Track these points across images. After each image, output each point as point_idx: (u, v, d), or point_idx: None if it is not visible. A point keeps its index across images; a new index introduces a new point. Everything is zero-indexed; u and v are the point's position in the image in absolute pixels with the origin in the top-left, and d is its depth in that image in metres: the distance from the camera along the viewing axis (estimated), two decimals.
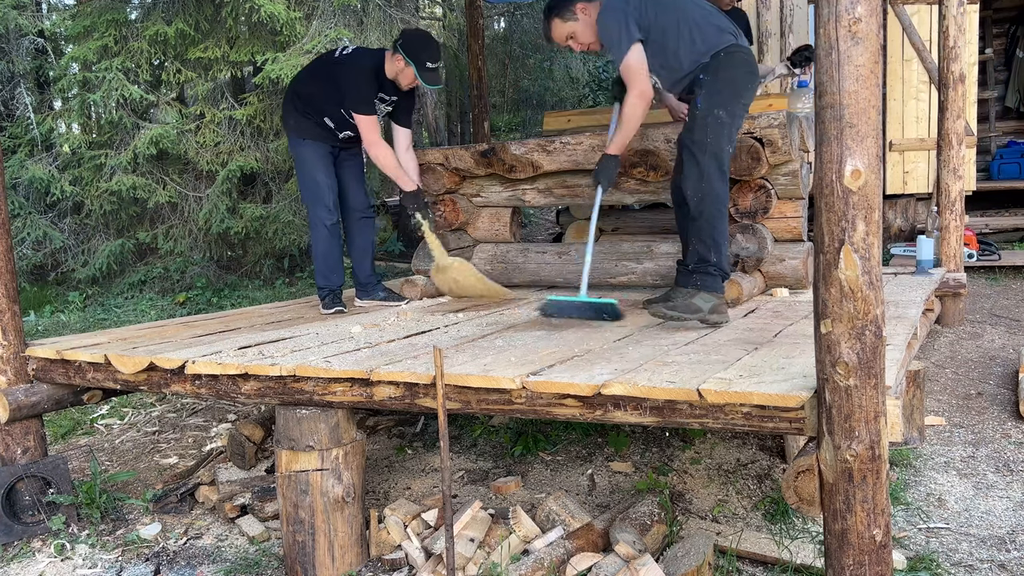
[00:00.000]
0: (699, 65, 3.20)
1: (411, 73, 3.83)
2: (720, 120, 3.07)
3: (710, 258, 3.07)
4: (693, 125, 3.11)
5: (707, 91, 3.12)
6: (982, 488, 3.02)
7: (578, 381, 2.22)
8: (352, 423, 2.71)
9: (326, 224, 3.99)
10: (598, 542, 2.57)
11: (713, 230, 3.08)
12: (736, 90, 3.16)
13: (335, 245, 4.04)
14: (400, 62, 3.83)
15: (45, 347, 3.20)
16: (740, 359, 2.40)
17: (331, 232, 4.01)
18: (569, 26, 3.39)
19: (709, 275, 3.06)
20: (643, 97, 3.19)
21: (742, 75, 3.20)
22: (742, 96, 3.19)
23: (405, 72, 3.85)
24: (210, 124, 7.95)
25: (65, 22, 8.41)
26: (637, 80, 3.17)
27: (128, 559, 2.88)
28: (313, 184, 3.98)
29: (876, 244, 1.78)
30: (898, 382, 2.23)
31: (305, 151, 4.00)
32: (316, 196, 3.99)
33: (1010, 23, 9.94)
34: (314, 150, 3.99)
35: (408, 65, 3.80)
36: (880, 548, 1.84)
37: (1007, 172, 9.03)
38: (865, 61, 1.74)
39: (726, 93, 3.12)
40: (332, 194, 4.01)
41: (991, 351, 4.82)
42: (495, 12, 12.14)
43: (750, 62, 3.27)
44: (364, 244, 4.21)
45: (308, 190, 4.03)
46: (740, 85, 3.18)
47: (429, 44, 3.85)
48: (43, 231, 8.16)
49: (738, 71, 3.19)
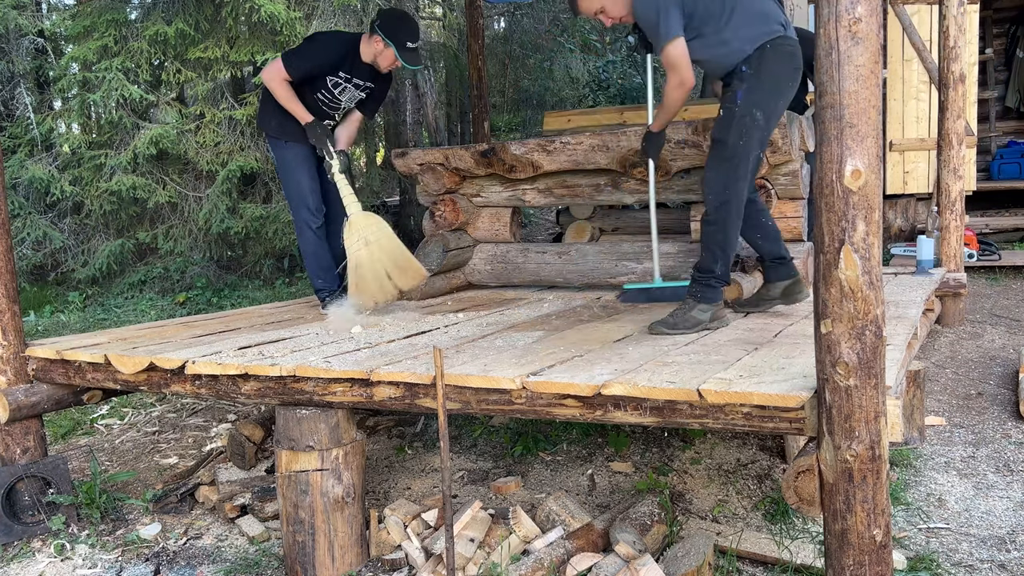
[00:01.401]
0: (744, 56, 2.97)
1: (391, 54, 3.69)
2: (756, 122, 2.94)
3: (714, 269, 3.00)
4: (729, 124, 2.97)
5: (748, 86, 2.95)
6: (982, 488, 3.02)
7: (578, 381, 2.22)
8: (352, 423, 2.71)
9: (311, 227, 3.92)
10: (598, 542, 2.57)
11: (726, 238, 3.01)
12: (778, 89, 3.01)
13: (324, 246, 3.98)
14: (379, 43, 3.70)
15: (45, 347, 3.20)
16: (740, 359, 2.40)
17: (317, 234, 3.95)
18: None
19: (709, 287, 3.01)
20: (683, 86, 3.03)
21: (787, 72, 3.02)
22: (783, 95, 3.04)
23: (384, 54, 3.71)
24: (210, 124, 7.95)
25: (65, 22, 8.40)
26: (678, 69, 2.98)
27: (128, 559, 2.87)
28: (296, 187, 3.91)
29: (876, 244, 1.78)
30: (898, 382, 2.23)
31: (287, 153, 3.91)
32: (299, 199, 3.92)
33: (1010, 23, 9.94)
34: (295, 152, 3.89)
35: (387, 46, 3.67)
36: (880, 548, 1.84)
37: (1007, 172, 9.03)
38: (865, 61, 1.74)
39: (767, 91, 2.96)
40: (315, 196, 3.92)
41: (991, 351, 4.82)
42: (495, 12, 12.13)
43: (796, 56, 3.04)
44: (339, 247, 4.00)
45: (291, 193, 3.95)
46: (783, 83, 3.02)
47: (408, 23, 3.74)
48: (43, 231, 8.15)
49: (783, 67, 3.00)
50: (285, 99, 3.77)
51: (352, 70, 3.82)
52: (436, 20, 12.91)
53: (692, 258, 3.91)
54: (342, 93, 3.89)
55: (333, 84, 3.84)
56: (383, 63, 3.77)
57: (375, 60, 3.78)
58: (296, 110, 3.78)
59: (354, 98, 3.94)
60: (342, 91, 3.88)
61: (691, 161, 3.77)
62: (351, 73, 3.83)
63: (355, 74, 3.84)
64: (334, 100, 3.90)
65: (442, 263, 4.28)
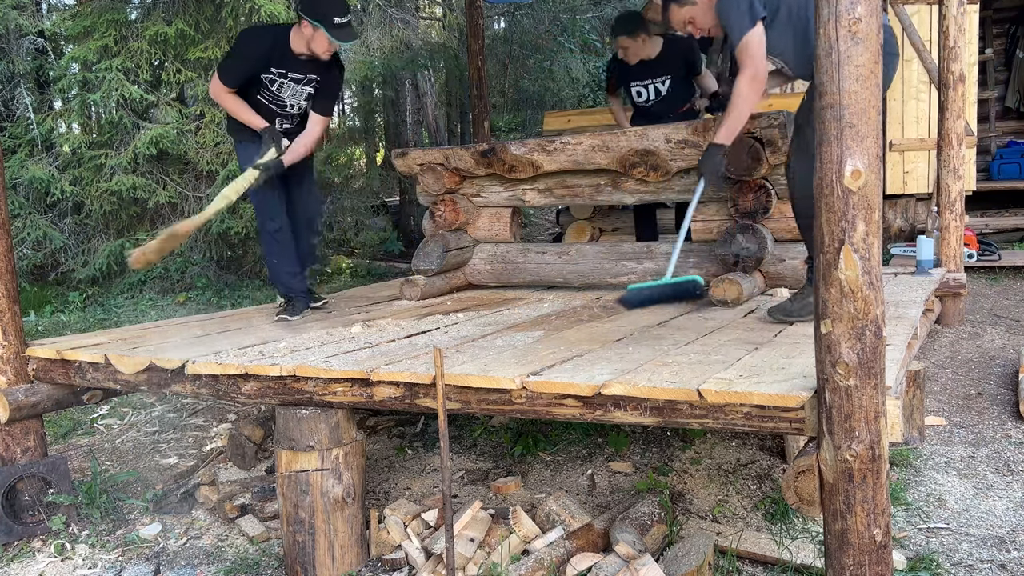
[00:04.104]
0: None
1: (322, 37, 3.49)
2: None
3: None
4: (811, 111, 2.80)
5: None
6: (982, 488, 3.02)
7: (578, 381, 2.22)
8: (352, 423, 2.71)
9: (270, 231, 3.81)
10: (598, 542, 2.57)
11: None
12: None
13: (282, 251, 3.84)
14: (307, 28, 3.51)
15: (45, 347, 3.20)
16: (740, 359, 2.40)
17: (275, 239, 3.82)
18: (686, 11, 3.19)
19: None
20: (756, 80, 2.90)
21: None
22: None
23: (316, 38, 3.52)
24: (210, 124, 7.95)
25: (65, 22, 8.40)
26: (753, 62, 2.86)
27: (128, 559, 2.88)
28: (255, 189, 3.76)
29: (876, 244, 1.78)
30: (898, 382, 2.23)
31: (245, 152, 3.79)
32: (257, 202, 3.83)
33: (1010, 23, 9.94)
34: (252, 151, 3.73)
35: (316, 28, 3.47)
36: (880, 548, 1.84)
37: (1007, 172, 9.03)
38: (865, 61, 1.74)
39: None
40: (274, 198, 3.78)
41: (991, 351, 4.82)
42: (495, 12, 12.13)
43: (892, 43, 2.89)
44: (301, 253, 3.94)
45: (252, 196, 3.77)
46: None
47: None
48: (43, 231, 8.15)
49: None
50: (234, 110, 3.71)
51: (284, 63, 3.64)
52: (436, 20, 12.91)
53: (692, 258, 3.91)
54: (281, 90, 3.73)
55: (269, 81, 3.69)
56: (319, 49, 3.57)
57: (310, 49, 3.58)
58: (247, 118, 3.70)
59: (300, 94, 3.77)
60: (280, 87, 3.72)
61: (691, 161, 3.77)
62: (284, 67, 3.66)
63: (289, 67, 3.67)
64: (276, 99, 3.76)
65: (442, 263, 4.29)
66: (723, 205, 3.79)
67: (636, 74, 5.03)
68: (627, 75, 5.09)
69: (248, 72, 3.66)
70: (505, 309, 3.78)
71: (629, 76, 5.08)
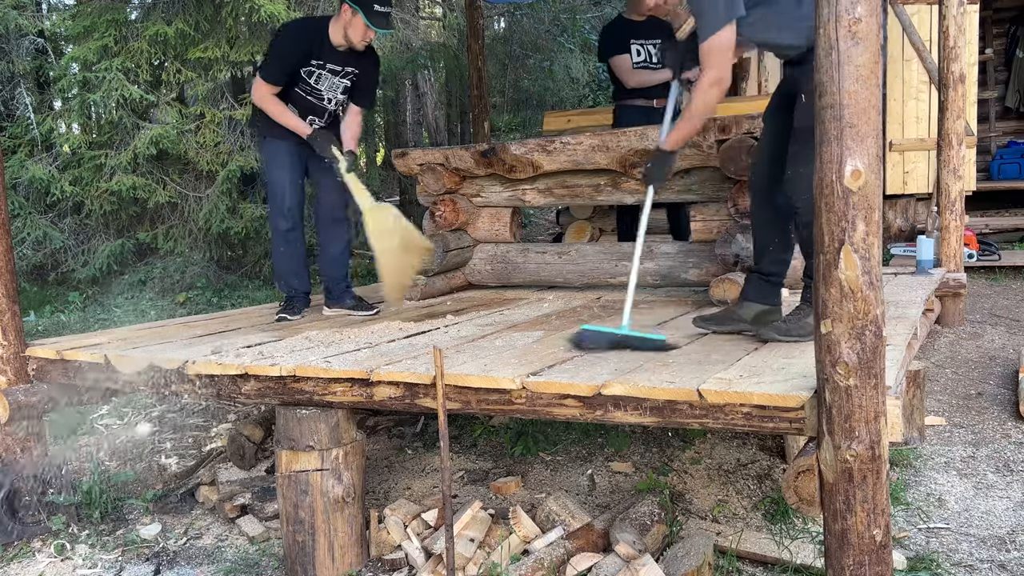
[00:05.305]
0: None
1: (360, 23, 3.47)
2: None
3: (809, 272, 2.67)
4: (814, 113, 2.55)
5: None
6: (982, 488, 3.02)
7: (578, 381, 2.22)
8: (352, 423, 2.71)
9: (280, 230, 3.83)
10: (598, 542, 2.57)
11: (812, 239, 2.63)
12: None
13: (290, 252, 3.86)
14: (346, 13, 3.49)
15: (45, 347, 3.20)
16: (740, 359, 2.40)
17: (285, 239, 3.84)
18: None
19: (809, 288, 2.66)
20: (719, 84, 2.64)
21: None
22: None
23: (353, 23, 3.51)
24: (210, 124, 7.95)
25: (65, 22, 8.39)
26: (718, 63, 2.59)
27: (128, 559, 2.87)
28: (272, 185, 3.82)
29: (876, 244, 1.78)
30: (898, 382, 2.23)
31: (268, 149, 3.81)
32: (272, 199, 3.84)
33: (1010, 23, 9.94)
34: (276, 148, 3.78)
35: (355, 13, 3.46)
36: (880, 548, 1.84)
37: (1007, 172, 9.03)
38: (865, 61, 1.74)
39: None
40: (291, 198, 3.80)
41: (991, 351, 4.82)
42: (495, 12, 12.12)
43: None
44: (334, 251, 3.95)
45: (268, 192, 3.86)
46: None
47: None
48: (43, 231, 8.14)
49: None
50: (278, 115, 3.70)
51: (323, 55, 3.65)
52: (436, 20, 12.91)
53: (692, 258, 3.91)
54: (319, 82, 3.74)
55: (307, 73, 3.70)
56: (355, 37, 3.56)
57: (347, 37, 3.58)
58: (293, 124, 3.71)
59: (337, 87, 3.78)
60: (318, 79, 3.73)
61: (690, 161, 3.77)
62: (322, 58, 3.66)
63: (328, 59, 3.67)
64: (314, 91, 3.77)
65: (442, 263, 4.29)
66: (723, 205, 3.79)
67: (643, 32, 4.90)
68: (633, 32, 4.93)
69: (292, 66, 3.67)
70: (505, 309, 3.78)
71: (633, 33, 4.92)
